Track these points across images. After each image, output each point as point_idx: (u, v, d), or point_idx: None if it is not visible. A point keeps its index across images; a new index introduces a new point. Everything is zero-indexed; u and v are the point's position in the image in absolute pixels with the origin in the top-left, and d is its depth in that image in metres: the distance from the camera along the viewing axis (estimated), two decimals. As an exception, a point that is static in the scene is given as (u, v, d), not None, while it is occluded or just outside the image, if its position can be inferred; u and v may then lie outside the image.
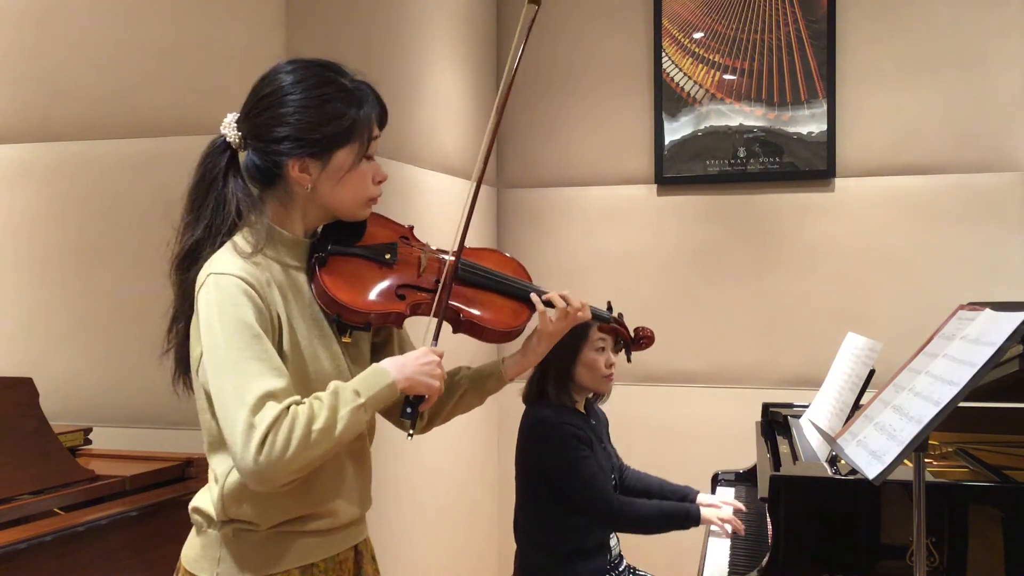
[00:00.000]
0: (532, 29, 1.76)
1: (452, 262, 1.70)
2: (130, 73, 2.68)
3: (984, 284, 3.68)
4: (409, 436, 1.64)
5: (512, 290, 1.77)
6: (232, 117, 1.62)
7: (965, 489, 2.09)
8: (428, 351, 1.60)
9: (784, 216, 3.96)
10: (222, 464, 1.55)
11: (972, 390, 1.57)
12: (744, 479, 3.11)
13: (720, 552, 2.59)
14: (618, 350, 2.66)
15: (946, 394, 1.59)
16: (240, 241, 1.55)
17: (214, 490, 1.57)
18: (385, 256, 1.67)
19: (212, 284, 1.50)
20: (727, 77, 4.00)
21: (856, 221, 3.88)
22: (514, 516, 2.79)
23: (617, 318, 2.04)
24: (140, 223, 2.62)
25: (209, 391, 1.50)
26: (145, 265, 2.49)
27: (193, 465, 2.40)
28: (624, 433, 3.23)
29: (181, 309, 1.61)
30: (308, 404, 1.47)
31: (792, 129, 3.93)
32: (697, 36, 4.04)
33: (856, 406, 2.45)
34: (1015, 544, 2.01)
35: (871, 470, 1.60)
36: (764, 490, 2.24)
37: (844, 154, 3.89)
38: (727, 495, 3.00)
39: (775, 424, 3.05)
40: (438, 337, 1.65)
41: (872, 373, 2.50)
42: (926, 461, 1.79)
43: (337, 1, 2.86)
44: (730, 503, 2.76)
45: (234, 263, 1.52)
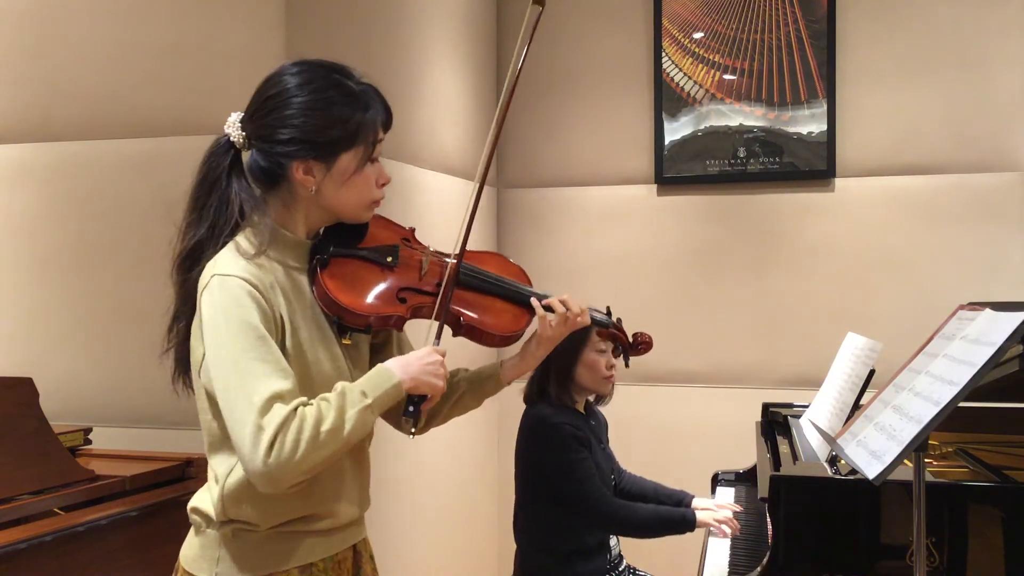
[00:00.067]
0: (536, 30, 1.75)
1: (454, 265, 1.69)
2: (130, 73, 2.68)
3: (984, 284, 3.68)
4: (411, 435, 1.65)
5: (513, 294, 1.77)
6: (236, 117, 1.61)
7: (965, 489, 2.09)
8: (431, 351, 1.60)
9: (784, 216, 3.96)
10: (222, 464, 1.55)
11: (972, 390, 1.57)
12: (744, 479, 3.11)
13: (720, 552, 2.59)
14: (616, 355, 2.66)
15: (946, 394, 1.59)
16: (243, 242, 1.55)
17: (214, 490, 1.57)
18: (387, 259, 1.66)
19: (216, 285, 1.49)
20: (727, 77, 4.00)
21: (856, 221, 3.88)
22: (514, 516, 2.79)
23: (616, 323, 2.04)
24: (140, 223, 2.62)
25: (211, 392, 1.50)
26: (145, 265, 2.50)
27: (193, 465, 2.40)
28: (624, 433, 3.24)
29: (182, 309, 1.61)
30: (316, 405, 1.46)
31: (792, 129, 3.93)
32: (697, 36, 4.03)
33: (856, 406, 2.45)
34: (1015, 544, 2.01)
35: (871, 470, 1.60)
36: (764, 490, 2.24)
37: (844, 154, 3.89)
38: (727, 495, 3.01)
39: (775, 424, 3.05)
40: (440, 337, 1.65)
41: (872, 373, 2.50)
42: (926, 461, 1.79)
43: (337, 1, 2.86)
44: (725, 505, 2.76)
45: (237, 264, 1.51)
